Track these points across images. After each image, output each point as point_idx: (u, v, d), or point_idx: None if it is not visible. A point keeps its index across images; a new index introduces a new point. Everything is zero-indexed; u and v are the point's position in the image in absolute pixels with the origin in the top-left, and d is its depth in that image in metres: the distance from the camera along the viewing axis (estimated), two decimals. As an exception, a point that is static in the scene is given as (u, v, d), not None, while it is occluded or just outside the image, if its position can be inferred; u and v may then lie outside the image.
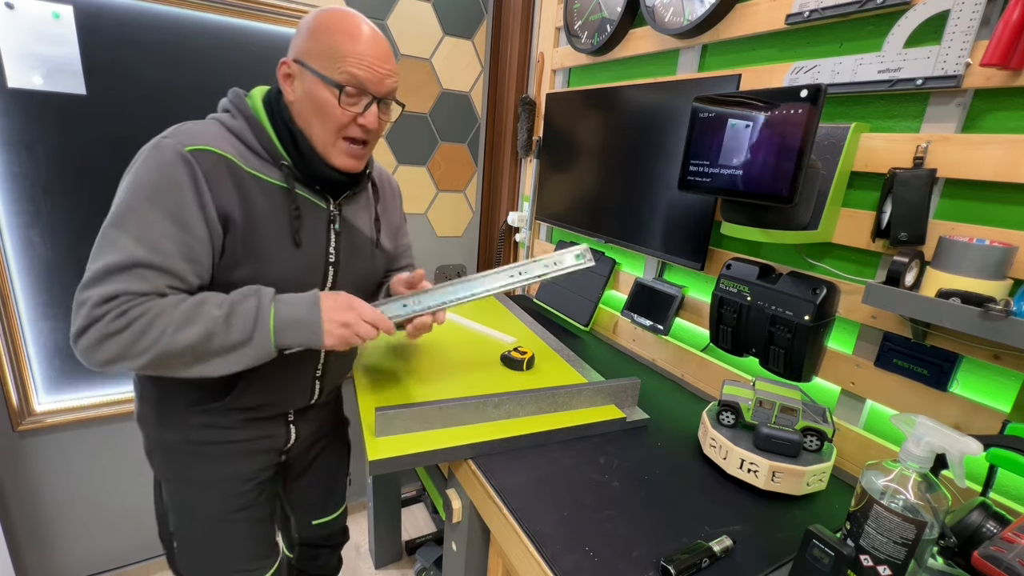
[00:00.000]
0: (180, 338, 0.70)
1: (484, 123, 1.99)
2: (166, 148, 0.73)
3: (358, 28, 0.78)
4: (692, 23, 1.13)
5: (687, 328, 1.31)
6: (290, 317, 0.77)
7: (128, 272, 0.70)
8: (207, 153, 0.75)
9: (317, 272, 0.88)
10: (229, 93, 0.85)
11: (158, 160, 0.73)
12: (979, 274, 0.70)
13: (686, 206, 1.19)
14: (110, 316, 0.69)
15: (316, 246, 0.87)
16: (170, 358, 0.72)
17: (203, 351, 0.73)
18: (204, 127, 0.79)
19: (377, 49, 0.78)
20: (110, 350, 0.70)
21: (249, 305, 0.75)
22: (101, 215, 0.75)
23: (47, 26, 1.26)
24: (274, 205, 0.81)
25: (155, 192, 0.72)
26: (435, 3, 1.74)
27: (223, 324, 0.73)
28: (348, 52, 0.76)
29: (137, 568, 1.72)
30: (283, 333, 0.76)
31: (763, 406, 0.88)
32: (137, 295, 0.71)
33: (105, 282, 0.70)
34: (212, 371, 0.75)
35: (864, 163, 0.89)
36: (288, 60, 0.80)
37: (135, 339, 0.69)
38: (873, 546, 0.59)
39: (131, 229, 0.71)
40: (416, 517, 2.08)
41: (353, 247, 0.92)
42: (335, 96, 0.77)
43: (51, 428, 1.48)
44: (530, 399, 0.95)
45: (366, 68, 0.77)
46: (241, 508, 0.96)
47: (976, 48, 0.74)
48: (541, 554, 0.68)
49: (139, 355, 0.70)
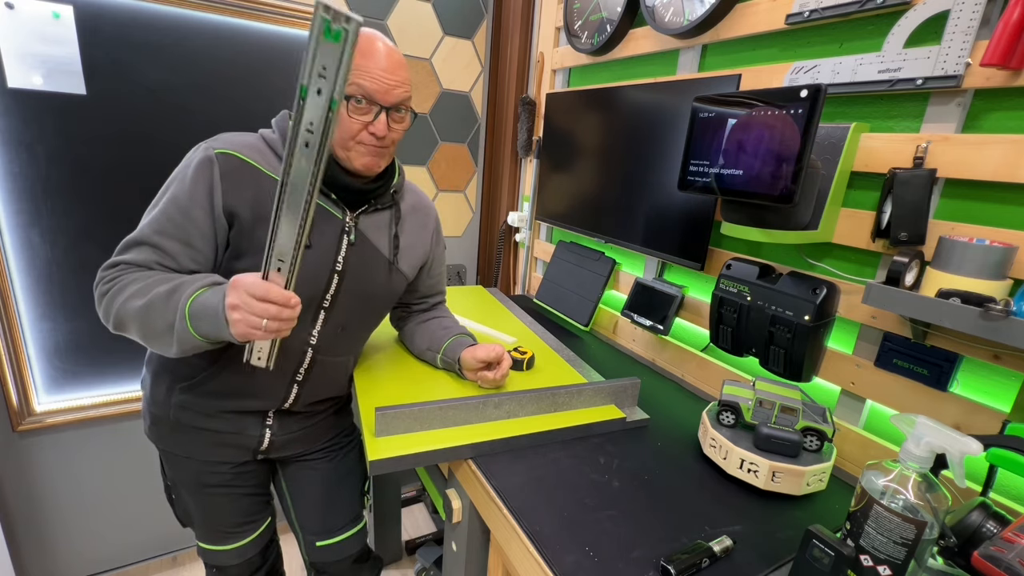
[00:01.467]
0: (129, 306, 0.77)
1: (484, 123, 1.99)
2: (200, 149, 0.84)
3: (371, 44, 0.82)
4: (692, 23, 1.13)
5: (687, 328, 1.31)
6: (202, 301, 0.73)
7: (133, 248, 0.81)
8: (231, 157, 0.83)
9: (321, 278, 0.90)
10: (278, 115, 0.92)
11: (191, 159, 0.84)
12: (979, 274, 0.70)
13: (686, 206, 1.19)
14: (105, 280, 0.80)
15: (324, 252, 0.89)
16: (126, 323, 0.79)
17: (145, 325, 0.77)
18: (242, 137, 0.87)
19: (386, 61, 0.82)
20: (100, 309, 0.81)
21: (190, 288, 0.75)
22: (101, 215, 0.77)
23: (47, 26, 1.26)
24: None
25: (177, 185, 0.82)
26: (435, 3, 1.75)
27: (163, 300, 0.76)
28: (358, 66, 0.80)
29: (137, 568, 1.72)
30: (196, 318, 0.73)
31: (763, 406, 0.88)
32: (132, 265, 0.81)
33: (117, 252, 0.82)
34: (159, 349, 0.80)
35: (864, 163, 0.89)
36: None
37: (110, 301, 0.79)
38: (873, 546, 0.59)
39: (152, 215, 0.82)
40: (416, 517, 2.08)
41: (364, 261, 0.94)
42: (344, 106, 0.81)
43: (51, 428, 1.48)
44: (530, 399, 0.95)
45: (373, 79, 0.81)
46: (220, 484, 1.02)
47: (976, 48, 0.74)
48: (541, 554, 0.68)
49: (109, 317, 0.80)
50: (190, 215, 0.81)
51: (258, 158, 0.85)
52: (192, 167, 0.82)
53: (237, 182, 0.82)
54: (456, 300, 1.62)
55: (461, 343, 1.06)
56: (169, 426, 0.97)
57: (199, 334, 0.74)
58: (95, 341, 1.50)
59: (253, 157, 0.84)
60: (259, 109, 1.55)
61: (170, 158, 1.44)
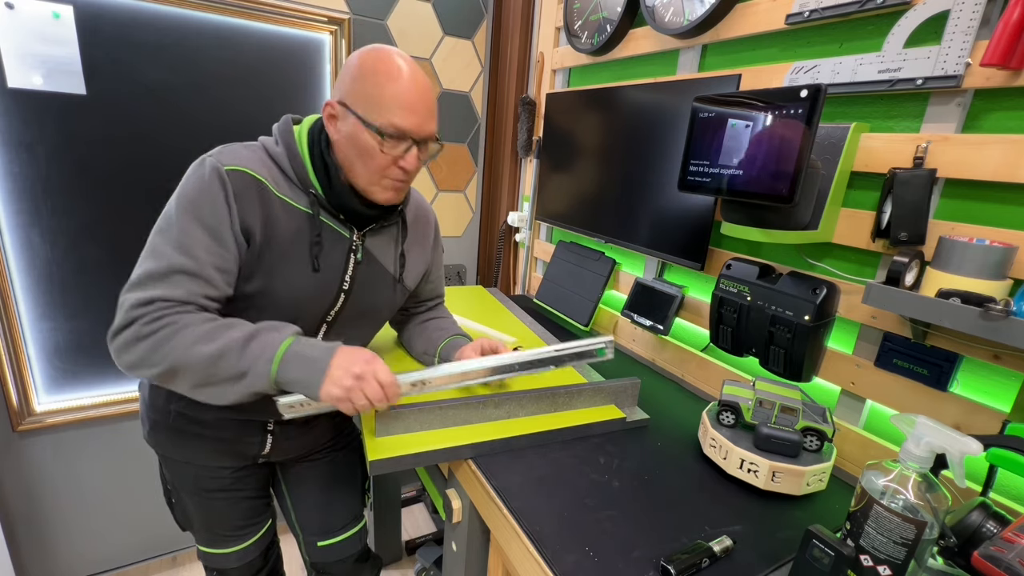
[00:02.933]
0: (194, 353, 0.72)
1: (484, 123, 1.99)
2: (207, 165, 0.77)
3: (399, 73, 0.78)
4: (692, 23, 1.13)
5: (687, 328, 1.31)
6: (300, 351, 0.76)
7: (166, 279, 0.74)
8: (241, 173, 0.78)
9: (328, 296, 0.89)
10: (280, 120, 0.87)
11: (199, 175, 0.77)
12: (979, 274, 0.70)
13: (686, 206, 1.19)
14: (143, 320, 0.72)
15: (332, 272, 0.88)
16: (181, 371, 0.73)
17: (210, 373, 0.73)
18: (247, 150, 0.82)
19: (419, 94, 0.79)
20: (135, 354, 0.73)
21: (267, 337, 0.76)
22: (101, 215, 0.76)
23: (47, 26, 1.26)
24: (297, 228, 0.83)
25: (195, 205, 0.76)
26: (435, 3, 1.75)
27: (239, 347, 0.74)
28: (390, 99, 0.77)
29: (137, 568, 1.72)
30: (287, 363, 0.75)
31: (763, 406, 0.88)
32: (172, 302, 0.74)
33: (144, 287, 0.74)
34: (206, 397, 0.76)
35: (864, 163, 0.89)
36: (332, 102, 0.81)
37: (158, 345, 0.72)
38: (873, 546, 0.59)
39: (171, 238, 0.75)
40: (416, 517, 2.08)
41: (370, 278, 0.93)
42: (377, 142, 0.78)
43: (51, 428, 1.48)
44: (530, 399, 0.95)
45: (408, 115, 0.78)
46: (220, 489, 1.01)
47: (976, 48, 0.74)
48: (541, 554, 0.68)
49: (157, 363, 0.73)
50: (220, 236, 0.76)
51: (266, 174, 0.81)
52: (206, 185, 0.76)
53: (250, 201, 0.79)
54: (456, 300, 1.61)
55: (456, 344, 1.05)
56: (168, 432, 0.95)
57: (279, 379, 0.74)
58: (95, 341, 1.50)
59: (262, 174, 0.80)
60: (259, 109, 1.55)
61: (170, 158, 1.46)
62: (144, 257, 0.77)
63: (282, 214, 0.81)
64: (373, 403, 0.77)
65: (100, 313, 1.48)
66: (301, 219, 0.83)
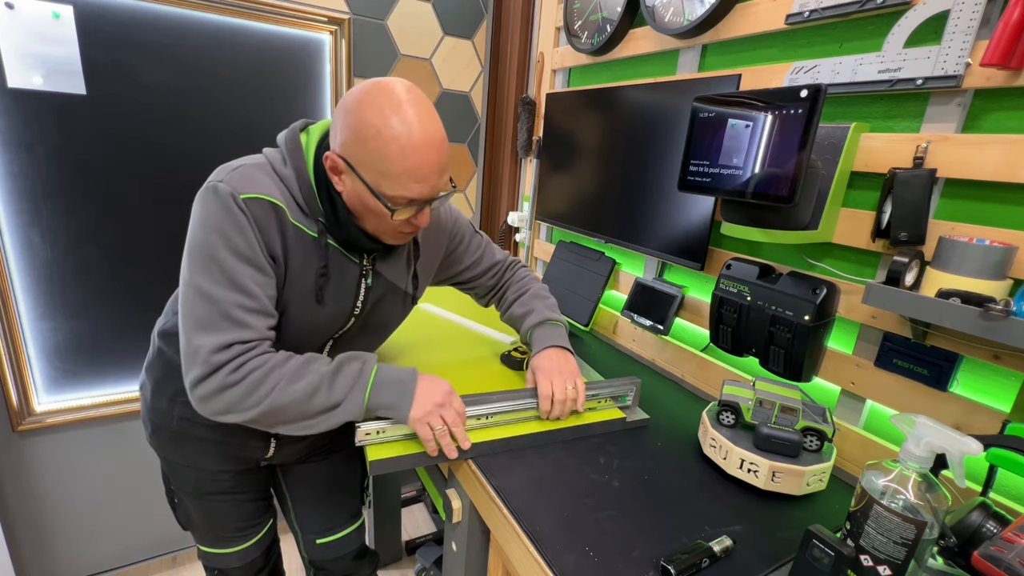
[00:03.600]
0: (289, 392, 0.74)
1: (484, 123, 1.99)
2: (223, 194, 0.72)
3: (408, 134, 0.70)
4: (692, 23, 1.13)
5: (687, 328, 1.31)
6: (389, 376, 0.82)
7: (231, 319, 0.73)
8: (259, 201, 0.74)
9: (339, 321, 0.88)
10: (287, 130, 0.81)
11: (220, 206, 0.72)
12: (979, 274, 0.70)
13: (686, 206, 1.19)
14: (228, 368, 0.72)
15: (343, 300, 0.85)
16: (278, 412, 0.75)
17: (306, 408, 0.76)
18: (258, 172, 0.77)
19: (432, 156, 0.72)
20: (224, 401, 0.73)
21: (354, 366, 0.80)
22: (101, 215, 0.75)
23: (47, 26, 1.26)
24: (308, 257, 0.80)
25: (226, 238, 0.72)
26: (435, 3, 1.75)
27: (329, 380, 0.77)
28: (400, 172, 0.71)
29: (137, 568, 1.72)
30: (379, 388, 0.80)
31: (763, 406, 0.88)
32: (250, 342, 0.74)
33: (213, 331, 0.72)
34: (301, 429, 0.78)
35: (864, 163, 0.89)
36: (334, 156, 0.74)
37: (249, 392, 0.73)
38: (873, 546, 0.59)
39: (218, 276, 0.72)
40: (416, 517, 2.08)
41: (382, 298, 0.91)
42: (387, 210, 0.74)
43: (51, 428, 1.48)
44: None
45: (421, 187, 0.73)
46: (221, 491, 1.01)
47: (976, 48, 0.74)
48: (541, 554, 0.68)
49: (251, 408, 0.74)
50: (261, 266, 0.74)
51: (281, 198, 0.76)
52: (229, 215, 0.72)
53: (271, 228, 0.75)
54: (456, 300, 1.61)
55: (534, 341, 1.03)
56: (171, 436, 0.95)
57: (371, 404, 0.79)
58: (95, 341, 1.50)
59: (278, 198, 0.76)
60: (259, 109, 1.55)
61: (170, 158, 1.46)
62: (194, 300, 0.73)
63: (296, 241, 0.78)
64: (450, 428, 0.82)
65: (100, 313, 1.48)
66: (311, 247, 0.80)
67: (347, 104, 0.73)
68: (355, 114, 0.71)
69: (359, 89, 0.72)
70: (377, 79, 0.74)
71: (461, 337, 1.32)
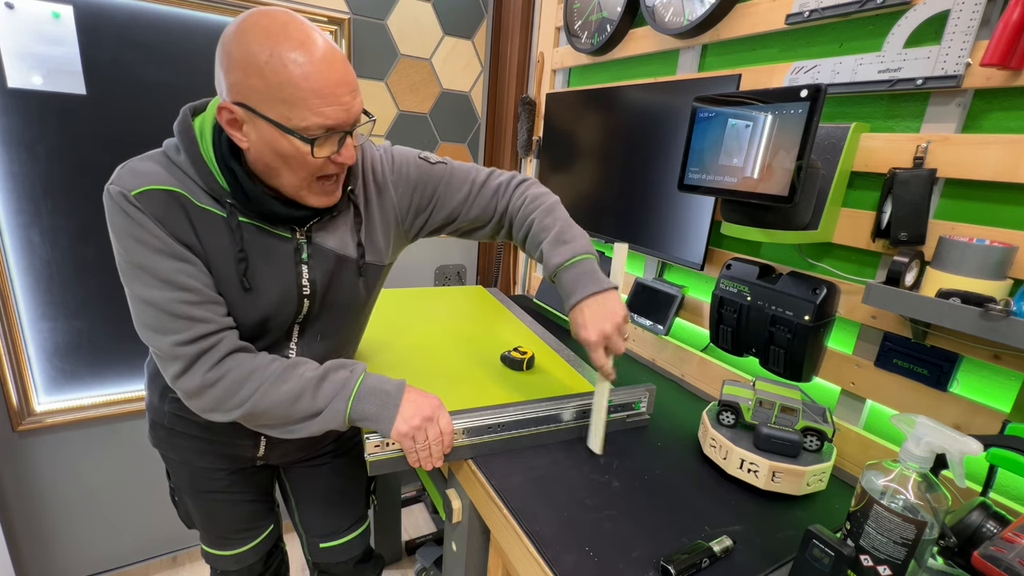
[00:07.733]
0: (272, 395, 0.74)
1: (484, 123, 1.99)
2: (116, 196, 0.68)
3: (306, 50, 0.62)
4: (692, 23, 1.13)
5: (687, 328, 1.31)
6: (375, 387, 0.79)
7: (178, 316, 0.70)
8: (153, 193, 0.68)
9: (289, 306, 0.81)
10: (179, 116, 0.74)
11: (116, 210, 0.68)
12: (979, 274, 0.70)
13: (686, 206, 1.19)
14: (204, 363, 0.71)
15: (282, 280, 0.79)
16: (261, 414, 0.75)
17: (289, 412, 0.75)
18: (148, 162, 0.72)
19: (336, 73, 0.65)
20: (208, 400, 0.74)
21: (341, 374, 0.78)
22: (101, 215, 0.75)
23: (47, 26, 1.26)
24: (223, 241, 0.73)
25: (138, 240, 0.68)
26: (435, 3, 1.75)
27: (314, 387, 0.76)
28: (307, 94, 0.63)
29: (137, 568, 1.72)
30: (362, 399, 0.78)
31: (763, 406, 0.88)
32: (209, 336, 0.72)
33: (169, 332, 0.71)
34: (285, 434, 0.78)
35: (864, 163, 0.89)
36: (229, 104, 0.66)
37: (232, 391, 0.73)
38: (873, 546, 0.59)
39: (148, 280, 0.70)
40: (416, 517, 2.08)
41: (331, 273, 0.83)
42: (305, 147, 0.66)
43: (51, 428, 1.48)
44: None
45: (334, 107, 0.65)
46: (217, 490, 1.00)
47: (976, 48, 0.74)
48: (541, 554, 0.68)
49: (234, 408, 0.74)
50: (181, 255, 0.70)
51: (178, 183, 0.71)
52: (128, 216, 0.68)
53: (175, 217, 0.70)
54: (456, 300, 1.61)
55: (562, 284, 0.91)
56: (164, 431, 0.95)
57: (353, 415, 0.77)
58: (95, 341, 1.50)
59: (173, 184, 0.70)
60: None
61: (170, 158, 1.46)
62: (139, 308, 0.71)
63: (208, 227, 0.72)
64: (431, 446, 0.80)
65: (100, 313, 1.48)
66: (224, 229, 0.73)
67: (226, 45, 0.64)
68: (239, 48, 0.63)
69: (233, 25, 0.64)
70: (248, 10, 0.66)
71: (461, 337, 1.32)
